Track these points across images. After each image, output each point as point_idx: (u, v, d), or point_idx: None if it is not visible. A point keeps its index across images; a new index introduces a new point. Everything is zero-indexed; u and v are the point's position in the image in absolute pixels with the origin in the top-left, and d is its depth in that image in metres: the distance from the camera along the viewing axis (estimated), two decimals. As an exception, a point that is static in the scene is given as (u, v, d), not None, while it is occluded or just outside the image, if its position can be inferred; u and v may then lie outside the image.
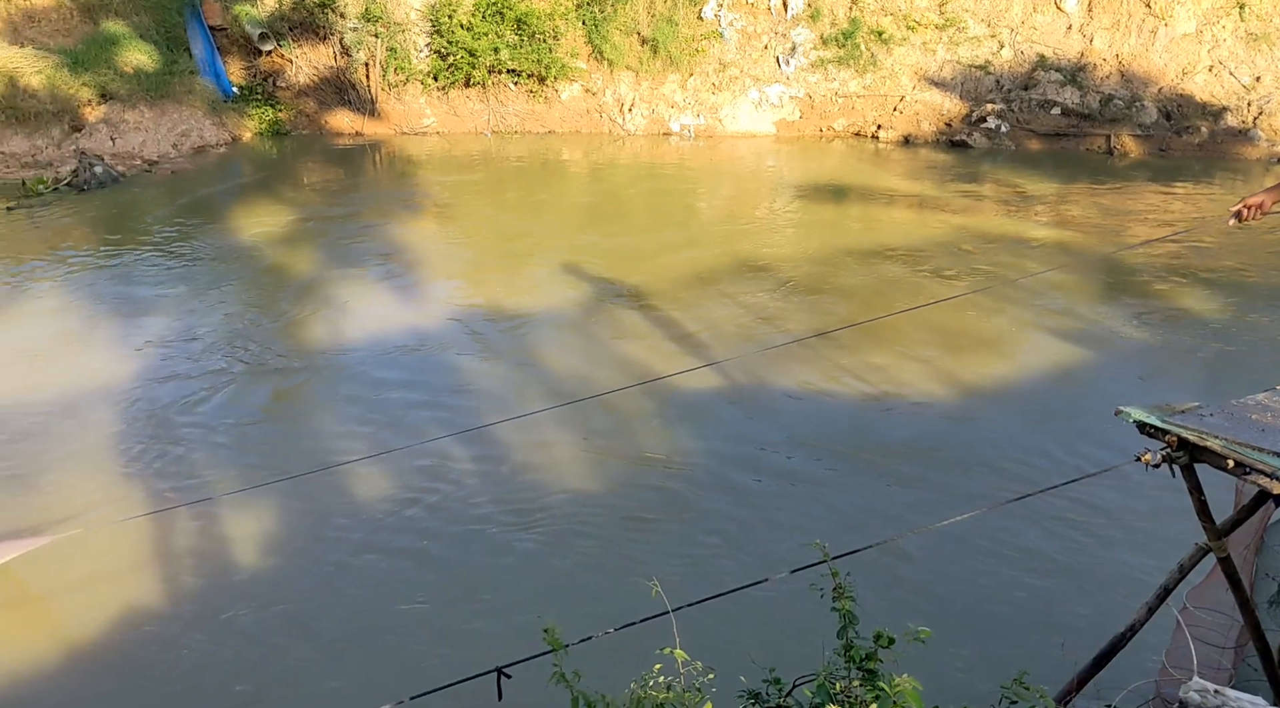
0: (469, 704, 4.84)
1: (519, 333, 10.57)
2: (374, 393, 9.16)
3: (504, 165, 18.68)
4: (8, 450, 8.08)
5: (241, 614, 6.17)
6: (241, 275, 12.57)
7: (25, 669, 5.77)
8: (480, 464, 7.83)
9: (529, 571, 6.55)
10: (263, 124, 20.20)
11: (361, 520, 7.11)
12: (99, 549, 6.69)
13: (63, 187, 16.37)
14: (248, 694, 5.54)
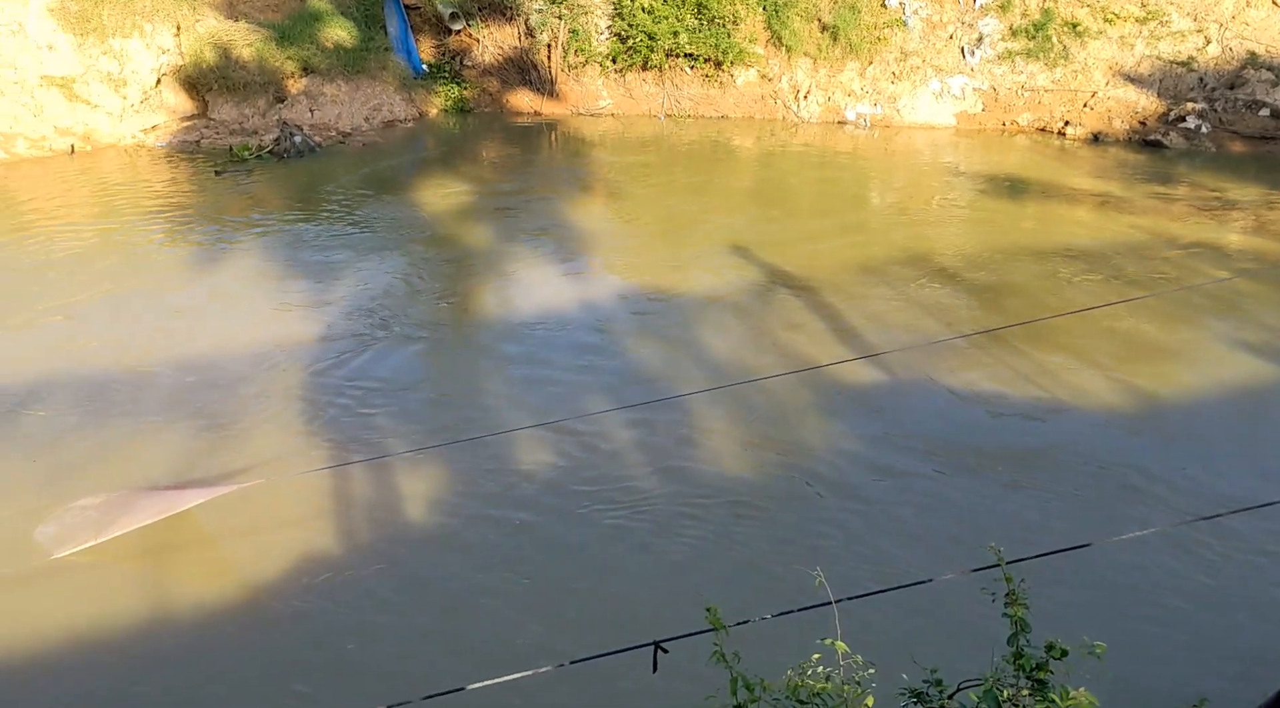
0: (621, 674, 5.01)
1: (679, 313, 10.67)
2: (536, 366, 9.43)
3: (675, 148, 18.80)
4: (201, 400, 8.71)
5: (407, 573, 6.48)
6: (418, 245, 13.13)
7: (184, 603, 6.25)
8: (638, 442, 7.96)
9: (682, 551, 6.64)
10: (448, 101, 20.96)
11: (519, 488, 7.33)
12: (271, 500, 7.10)
13: (265, 154, 17.46)
14: (411, 653, 5.83)
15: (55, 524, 6.73)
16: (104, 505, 6.85)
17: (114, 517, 6.64)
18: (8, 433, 8.07)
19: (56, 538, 6.59)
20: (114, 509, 6.76)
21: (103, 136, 17.99)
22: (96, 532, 6.53)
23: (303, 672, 5.60)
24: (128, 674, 5.65)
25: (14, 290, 11.24)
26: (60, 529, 6.67)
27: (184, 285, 11.61)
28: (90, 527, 6.60)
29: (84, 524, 6.66)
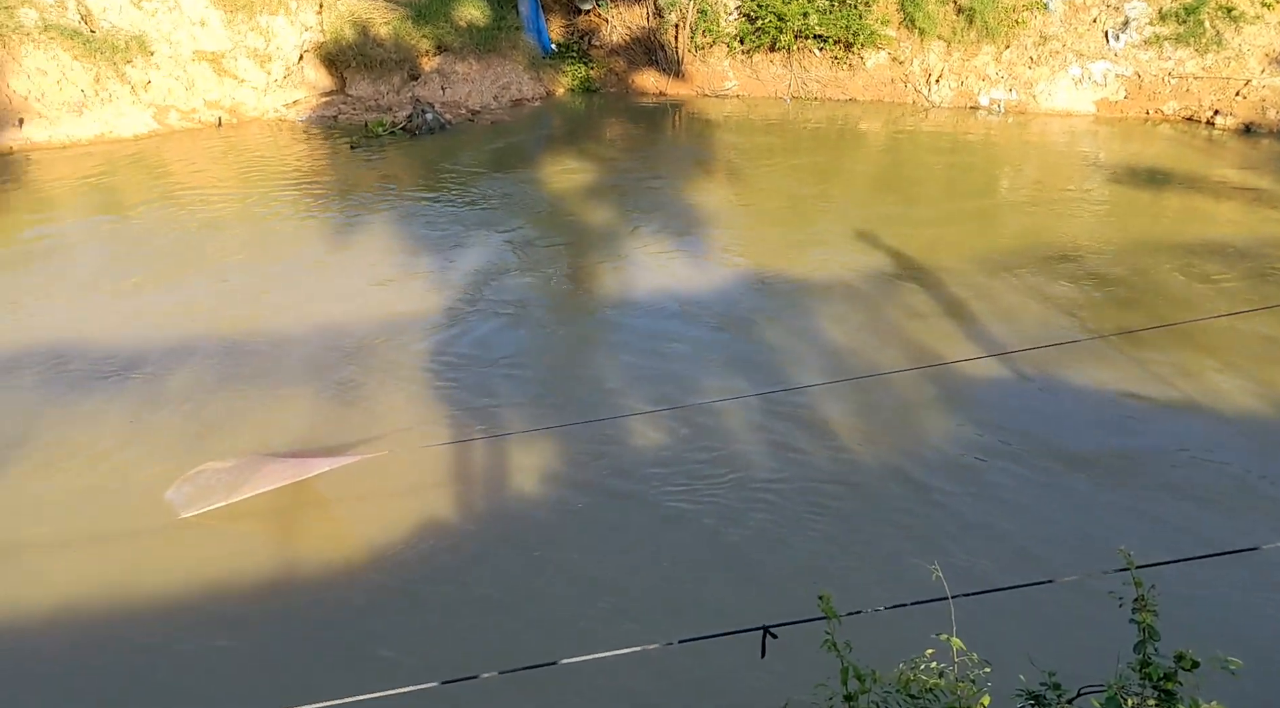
0: (726, 656, 5.04)
1: (797, 299, 10.58)
2: (650, 348, 9.45)
3: (800, 131, 18.58)
4: (333, 367, 9.04)
5: (515, 548, 6.63)
6: (540, 222, 13.34)
7: (299, 565, 6.50)
8: (753, 430, 7.93)
9: (795, 539, 6.61)
10: (575, 81, 21.16)
11: (632, 470, 7.39)
12: (392, 470, 7.28)
13: (397, 130, 17.97)
14: (510, 626, 5.98)
15: (185, 486, 6.99)
16: (232, 469, 7.10)
17: (242, 480, 6.89)
18: (153, 392, 8.55)
19: (186, 499, 6.86)
20: (242, 473, 7.01)
21: (248, 110, 18.78)
22: (225, 494, 6.80)
23: (397, 637, 5.77)
24: (229, 630, 5.90)
25: (161, 253, 11.88)
26: (190, 491, 6.93)
27: (317, 255, 12.07)
28: (219, 489, 6.86)
29: (213, 486, 6.92)
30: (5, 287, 10.88)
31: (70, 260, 11.86)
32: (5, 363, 8.95)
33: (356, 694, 3.05)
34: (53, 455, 7.54)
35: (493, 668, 3.68)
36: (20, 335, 9.58)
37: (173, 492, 6.95)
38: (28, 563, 6.33)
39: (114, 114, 17.40)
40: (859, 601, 3.50)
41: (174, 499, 6.90)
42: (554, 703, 5.06)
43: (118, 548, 6.50)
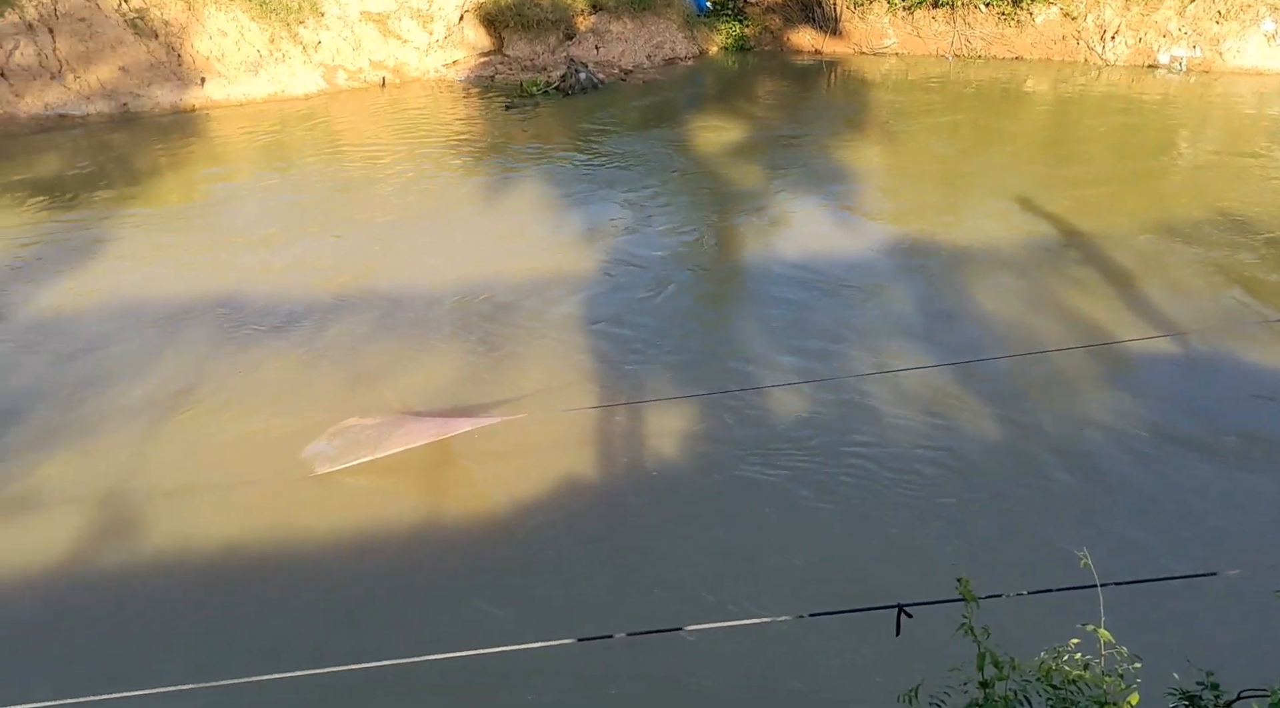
0: (857, 633, 4.96)
1: (952, 267, 10.21)
2: (796, 316, 9.26)
3: (961, 90, 17.87)
4: (484, 323, 9.25)
5: (653, 515, 6.68)
6: (689, 182, 13.29)
7: (432, 520, 6.64)
8: (900, 405, 7.63)
9: (935, 516, 6.43)
10: (729, 39, 20.91)
11: (770, 442, 7.23)
12: (532, 433, 7.29)
13: (551, 89, 18.18)
14: (638, 593, 6.03)
15: (325, 443, 7.12)
16: (374, 427, 7.20)
17: (382, 438, 6.99)
18: (312, 343, 8.96)
19: (324, 455, 6.99)
20: (383, 431, 7.10)
21: (410, 70, 19.34)
22: (364, 451, 6.89)
23: (530, 594, 5.90)
24: (345, 581, 6.17)
25: (324, 209, 12.42)
26: (330, 447, 7.07)
27: (468, 212, 12.38)
28: (360, 446, 6.97)
29: (354, 443, 7.02)
30: (181, 238, 11.59)
31: (239, 214, 12.53)
32: (178, 312, 9.54)
33: (491, 647, 3.14)
34: (218, 403, 8.00)
35: (622, 629, 3.73)
36: (193, 286, 10.19)
37: (312, 448, 7.10)
38: (197, 505, 6.72)
39: (286, 73, 18.21)
40: (1000, 584, 3.38)
41: (313, 455, 7.04)
42: (680, 668, 5.10)
43: (275, 495, 6.83)
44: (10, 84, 15.92)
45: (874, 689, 4.72)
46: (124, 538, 6.38)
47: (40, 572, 6.10)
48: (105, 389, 8.17)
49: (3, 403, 7.98)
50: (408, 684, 4.96)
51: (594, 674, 5.09)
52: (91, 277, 10.46)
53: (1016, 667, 2.74)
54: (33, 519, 6.56)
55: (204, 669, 5.29)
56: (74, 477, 7.00)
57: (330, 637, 5.58)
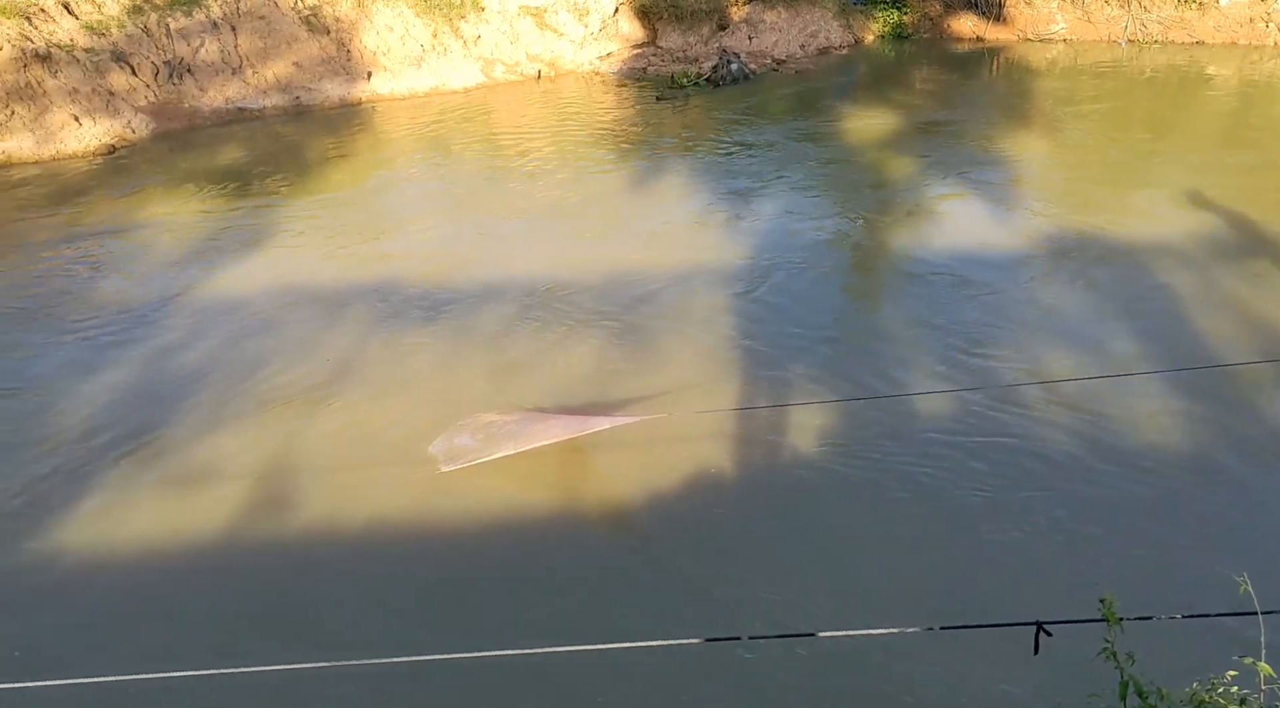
0: (990, 650, 4.76)
1: (1120, 269, 9.68)
2: (946, 317, 8.91)
3: (1135, 78, 16.91)
4: (630, 314, 9.33)
5: (788, 522, 6.60)
6: (838, 174, 13.04)
7: (559, 519, 6.71)
8: (1056, 416, 7.23)
9: (1079, 534, 6.11)
10: (886, 27, 20.41)
11: (917, 451, 7.01)
12: (666, 432, 7.14)
13: (702, 81, 18.16)
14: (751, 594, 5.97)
15: (451, 438, 7.06)
16: (501, 423, 7.12)
17: (511, 435, 6.88)
18: (465, 327, 9.24)
19: (450, 453, 6.92)
20: (512, 428, 7.01)
21: (565, 63, 19.66)
22: (499, 447, 6.76)
23: (659, 593, 5.92)
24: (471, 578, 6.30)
25: (480, 198, 12.77)
26: (456, 444, 6.98)
27: (616, 203, 12.49)
28: (488, 443, 6.85)
29: (481, 441, 6.91)
30: (343, 226, 12.13)
31: (398, 203, 13.01)
32: (339, 297, 9.99)
33: (621, 642, 3.16)
34: (371, 387, 8.34)
35: (754, 632, 3.70)
36: (353, 272, 10.66)
37: (438, 445, 7.09)
38: (346, 484, 7.03)
39: (447, 67, 18.80)
40: (1149, 607, 3.19)
41: (439, 452, 7.00)
42: (809, 672, 5.02)
43: (418, 479, 7.04)
44: (196, 79, 17.00)
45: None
46: (280, 512, 6.74)
47: (206, 540, 6.51)
48: (271, 369, 8.64)
49: (182, 379, 8.54)
50: (526, 675, 5.06)
51: (717, 675, 5.08)
52: (261, 262, 11.08)
53: (1165, 697, 2.59)
54: (202, 490, 7.01)
55: (354, 645, 5.54)
56: (239, 451, 7.44)
57: (451, 623, 5.72)
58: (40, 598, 6.10)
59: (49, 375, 8.70)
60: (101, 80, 16.01)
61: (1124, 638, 2.67)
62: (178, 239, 11.84)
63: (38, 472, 7.26)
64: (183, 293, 10.29)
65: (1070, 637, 3.02)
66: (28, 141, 15.05)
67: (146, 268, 10.99)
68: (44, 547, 6.49)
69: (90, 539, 6.54)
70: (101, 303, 10.11)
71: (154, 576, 6.23)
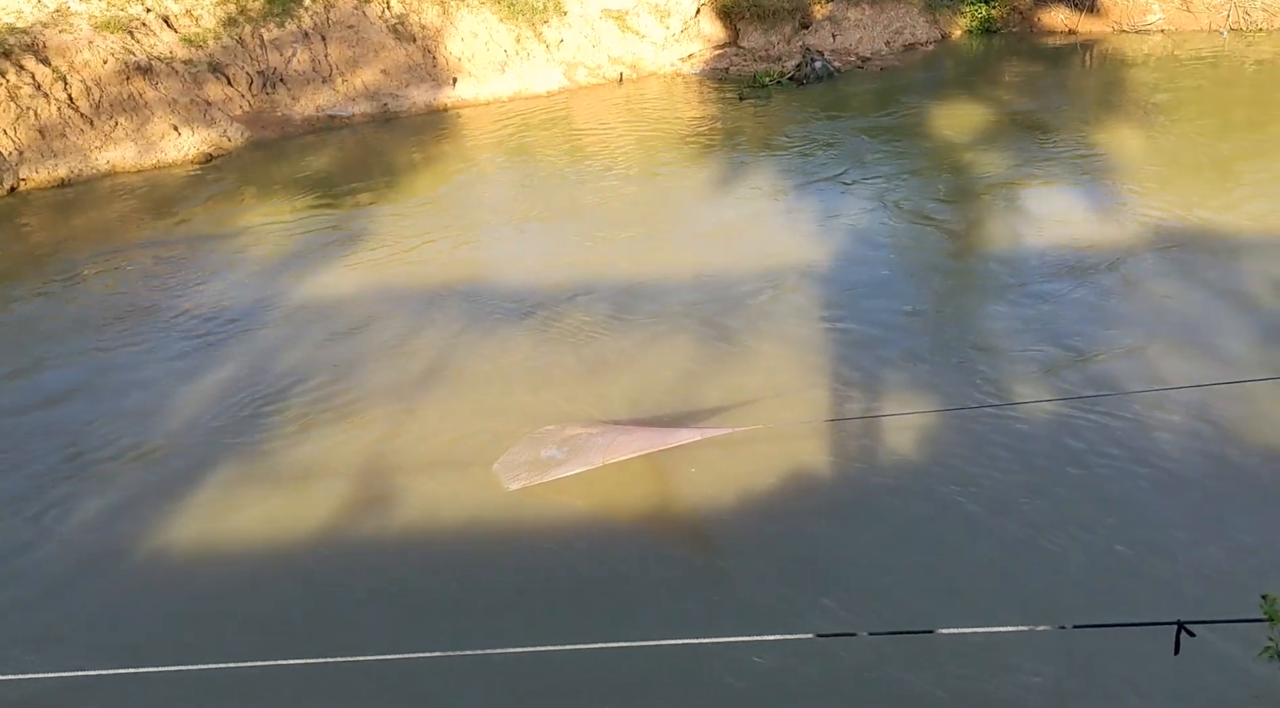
0: (1130, 650, 4.55)
1: (1228, 264, 9.29)
2: (1038, 317, 8.59)
3: (1238, 69, 16.27)
4: (716, 316, 9.22)
5: (893, 525, 6.45)
6: (925, 171, 12.78)
7: (655, 522, 6.63)
8: (1175, 421, 6.94)
9: (1229, 531, 5.84)
10: (974, 22, 20.00)
11: (1016, 462, 6.76)
12: (759, 446, 6.94)
13: (785, 80, 18.00)
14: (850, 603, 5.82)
15: (518, 453, 6.81)
16: (572, 438, 6.82)
17: (581, 451, 6.55)
18: (554, 327, 9.26)
19: (517, 469, 6.65)
20: (583, 442, 6.66)
21: (646, 65, 19.68)
22: (568, 464, 6.45)
23: (767, 589, 5.83)
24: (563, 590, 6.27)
25: (564, 199, 12.83)
26: (522, 460, 6.74)
27: (701, 203, 12.43)
28: (558, 460, 6.55)
29: (551, 458, 6.61)
30: (431, 228, 12.27)
31: (484, 206, 13.13)
32: (430, 297, 10.10)
33: (737, 636, 3.09)
34: (464, 387, 8.39)
35: (864, 627, 3.58)
36: (442, 273, 10.77)
37: (503, 462, 6.85)
38: (440, 484, 7.07)
39: (530, 71, 18.96)
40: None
41: (504, 468, 6.78)
42: (931, 669, 4.86)
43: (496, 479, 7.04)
44: (288, 88, 17.41)
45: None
46: (375, 512, 6.80)
47: (303, 540, 6.60)
48: (365, 369, 8.77)
49: (280, 378, 8.71)
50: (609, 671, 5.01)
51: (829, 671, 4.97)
52: (352, 266, 11.27)
53: (1326, 701, 2.42)
54: (300, 488, 7.12)
55: (432, 638, 5.56)
56: (335, 450, 7.55)
57: (536, 622, 5.71)
58: (148, 588, 6.25)
59: (154, 378, 8.94)
60: (199, 91, 16.50)
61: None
62: (272, 245, 12.11)
63: (144, 476, 7.45)
64: (278, 297, 10.51)
65: (1211, 638, 2.86)
66: (130, 151, 15.57)
67: (244, 273, 11.26)
68: (151, 545, 6.64)
69: (193, 539, 6.68)
70: (202, 307, 10.37)
71: (253, 570, 6.34)
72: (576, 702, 5.05)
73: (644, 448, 6.54)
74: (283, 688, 5.19)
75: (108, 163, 15.36)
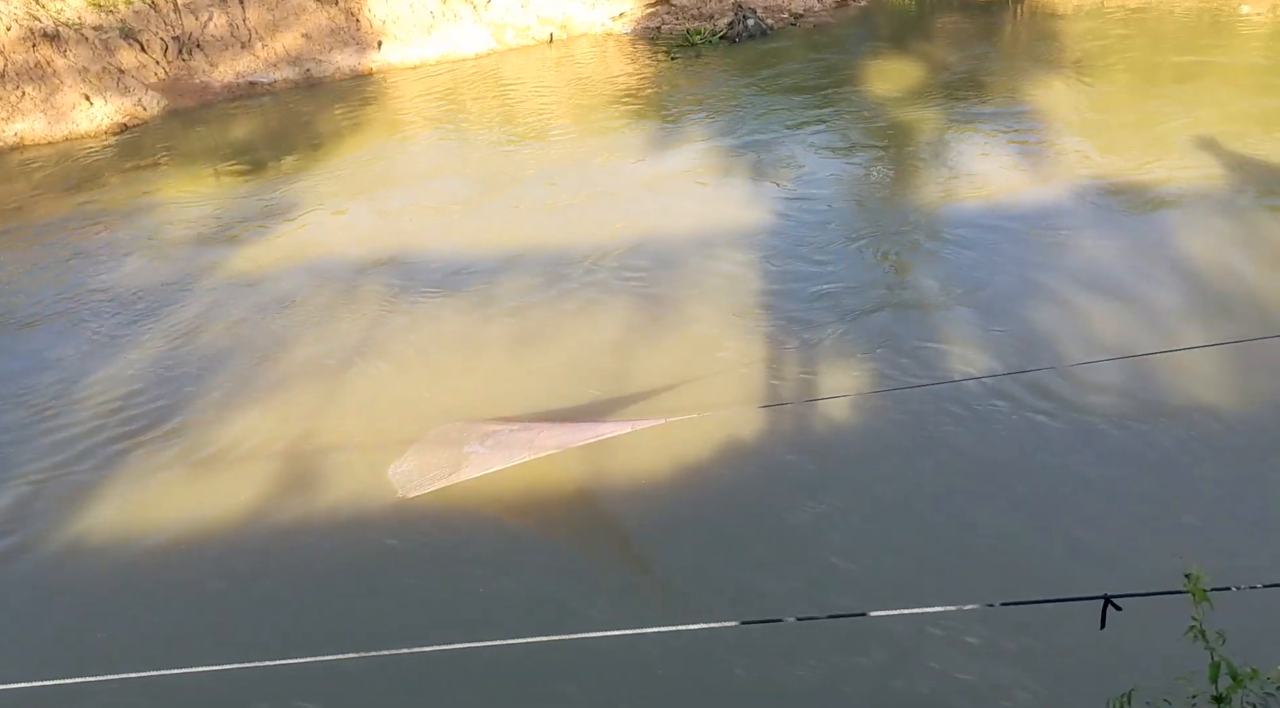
0: (1058, 627, 4.54)
1: (1156, 218, 9.36)
2: (988, 288, 8.48)
3: (1163, 21, 16.39)
4: (654, 281, 9.07)
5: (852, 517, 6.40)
6: (860, 127, 12.70)
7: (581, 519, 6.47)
8: (1123, 392, 6.88)
9: (1155, 506, 5.86)
10: (905, -24, 19.89)
11: (969, 437, 6.63)
12: (691, 435, 6.55)
13: (716, 39, 17.77)
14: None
15: (417, 455, 6.46)
16: (494, 434, 6.41)
17: (489, 452, 6.16)
18: (486, 298, 9.05)
19: (413, 477, 6.27)
20: (493, 440, 6.26)
21: (577, 25, 19.28)
22: (470, 466, 6.06)
23: (699, 576, 5.77)
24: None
25: (493, 166, 12.54)
26: (421, 462, 6.39)
27: (634, 165, 12.22)
28: (461, 462, 6.16)
29: (452, 458, 6.24)
30: (357, 198, 11.92)
31: (412, 173, 12.78)
32: (357, 269, 9.82)
33: (656, 627, 3.01)
34: (394, 361, 8.18)
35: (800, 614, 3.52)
36: (369, 244, 10.48)
37: (398, 466, 6.44)
38: (372, 462, 6.85)
39: (457, 33, 18.47)
40: (1225, 578, 2.97)
41: (399, 477, 6.35)
42: (861, 652, 4.82)
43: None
44: (206, 54, 16.77)
45: (1079, 691, 4.32)
46: (302, 494, 6.60)
47: (228, 524, 6.39)
48: (293, 345, 8.52)
49: (203, 356, 8.42)
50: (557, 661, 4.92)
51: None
52: (276, 236, 10.93)
53: (1256, 677, 2.39)
54: (225, 471, 6.90)
55: (382, 637, 5.42)
56: (264, 430, 7.32)
57: (488, 612, 5.60)
58: (62, 585, 6.01)
59: (70, 359, 8.60)
60: (111, 58, 15.82)
61: (1209, 616, 2.47)
62: (193, 218, 11.69)
63: (60, 457, 7.17)
64: (199, 274, 10.16)
65: (1140, 613, 2.82)
66: (39, 123, 14.92)
67: (163, 249, 10.86)
68: (68, 533, 6.39)
69: (113, 524, 6.44)
70: (121, 284, 9.99)
71: (176, 559, 6.12)
72: (501, 698, 4.95)
73: (570, 442, 6.16)
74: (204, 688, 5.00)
75: (15, 135, 14.71)
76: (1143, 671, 2.65)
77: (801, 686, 4.57)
